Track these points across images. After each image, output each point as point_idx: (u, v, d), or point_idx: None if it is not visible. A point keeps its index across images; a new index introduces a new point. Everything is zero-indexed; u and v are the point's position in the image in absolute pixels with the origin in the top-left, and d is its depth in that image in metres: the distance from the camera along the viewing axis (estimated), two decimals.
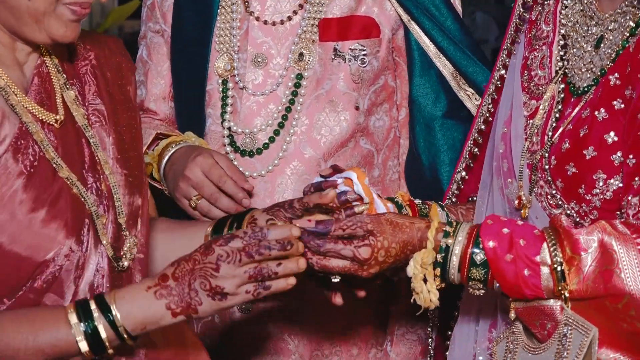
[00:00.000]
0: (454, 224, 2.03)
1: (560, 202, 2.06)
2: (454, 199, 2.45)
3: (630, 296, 1.87)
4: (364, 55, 2.63)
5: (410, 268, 2.02)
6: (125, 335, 1.91)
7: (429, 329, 2.47)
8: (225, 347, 2.71)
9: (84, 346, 1.90)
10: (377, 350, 2.76)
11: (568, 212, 2.04)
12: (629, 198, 1.96)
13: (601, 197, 2.00)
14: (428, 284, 2.00)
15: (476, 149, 2.39)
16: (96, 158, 2.07)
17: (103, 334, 1.90)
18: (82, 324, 1.90)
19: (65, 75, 2.09)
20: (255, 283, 1.93)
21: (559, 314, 1.93)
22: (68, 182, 2.00)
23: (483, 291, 2.02)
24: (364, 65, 2.64)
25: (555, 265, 1.93)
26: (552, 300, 1.94)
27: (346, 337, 2.71)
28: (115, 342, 1.92)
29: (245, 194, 2.51)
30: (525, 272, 1.94)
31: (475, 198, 2.38)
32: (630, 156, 1.96)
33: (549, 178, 2.07)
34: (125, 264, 2.07)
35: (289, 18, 2.64)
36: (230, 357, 2.71)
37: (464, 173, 2.43)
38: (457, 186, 2.45)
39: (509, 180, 2.18)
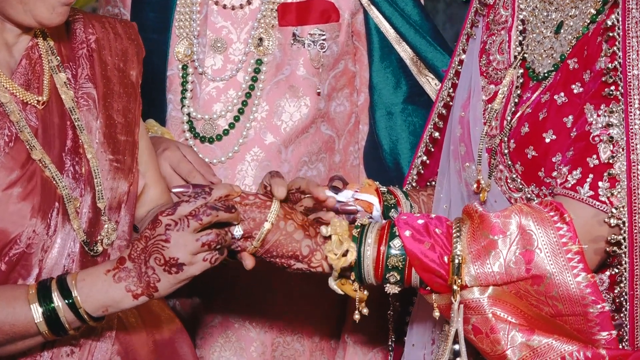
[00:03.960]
0: (360, 225, 2.01)
1: (520, 186, 2.05)
2: (414, 184, 2.45)
3: (551, 276, 1.87)
4: (324, 40, 2.62)
5: (325, 228, 1.99)
6: (86, 317, 1.90)
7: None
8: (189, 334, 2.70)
9: (42, 326, 1.89)
10: (337, 340, 2.76)
11: (528, 195, 2.04)
12: (561, 167, 1.96)
13: None
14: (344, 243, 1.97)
15: (437, 133, 2.39)
16: (80, 141, 2.07)
17: (62, 316, 1.89)
18: (41, 304, 1.89)
19: (59, 58, 2.10)
20: (210, 250, 1.91)
21: (487, 306, 1.90)
22: (40, 165, 1.99)
23: (399, 288, 1.99)
24: (324, 50, 2.63)
25: (453, 257, 1.91)
26: (477, 292, 1.91)
27: (308, 325, 2.71)
28: (76, 324, 1.91)
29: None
30: (446, 259, 1.93)
31: (434, 182, 2.38)
32: (574, 129, 1.96)
33: (509, 162, 2.07)
34: (100, 248, 2.06)
35: (248, 2, 2.62)
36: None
37: (424, 157, 2.43)
38: (417, 171, 2.45)
39: (466, 164, 2.18)
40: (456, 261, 1.90)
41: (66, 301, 1.89)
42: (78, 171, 2.05)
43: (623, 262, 1.89)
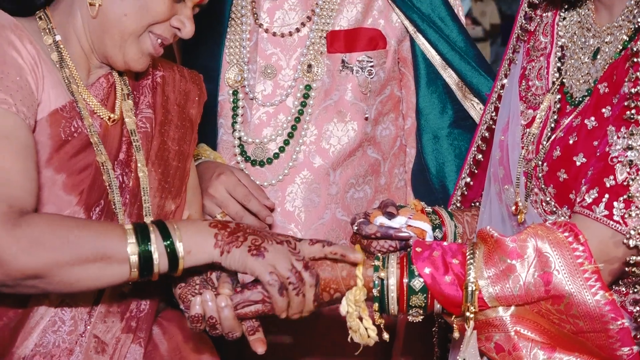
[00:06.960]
0: (381, 257, 2.04)
1: (554, 209, 2.08)
2: (458, 204, 2.49)
3: (570, 296, 1.89)
4: (371, 66, 2.68)
5: (344, 307, 2.02)
6: (177, 247, 1.95)
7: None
8: (235, 351, 2.75)
9: (132, 247, 1.93)
10: (383, 358, 2.79)
11: (562, 217, 2.06)
12: (582, 187, 1.98)
13: None
14: (364, 321, 2.00)
15: (480, 156, 2.43)
16: (133, 157, 2.19)
17: (153, 240, 1.94)
18: (138, 237, 1.95)
19: (130, 88, 2.25)
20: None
21: (510, 324, 1.93)
22: (102, 167, 2.12)
23: (422, 317, 2.03)
24: (371, 77, 2.68)
25: (467, 284, 1.94)
26: (501, 311, 1.94)
27: (353, 345, 2.73)
28: (164, 256, 1.96)
29: (268, 212, 2.56)
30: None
31: (478, 203, 2.41)
32: (598, 150, 1.99)
33: (543, 185, 2.10)
34: None
35: (297, 30, 2.69)
36: None
37: (468, 179, 2.47)
38: (461, 192, 2.48)
39: (505, 186, 2.22)
40: (469, 288, 1.93)
41: (160, 231, 1.95)
42: (125, 182, 2.17)
43: None
